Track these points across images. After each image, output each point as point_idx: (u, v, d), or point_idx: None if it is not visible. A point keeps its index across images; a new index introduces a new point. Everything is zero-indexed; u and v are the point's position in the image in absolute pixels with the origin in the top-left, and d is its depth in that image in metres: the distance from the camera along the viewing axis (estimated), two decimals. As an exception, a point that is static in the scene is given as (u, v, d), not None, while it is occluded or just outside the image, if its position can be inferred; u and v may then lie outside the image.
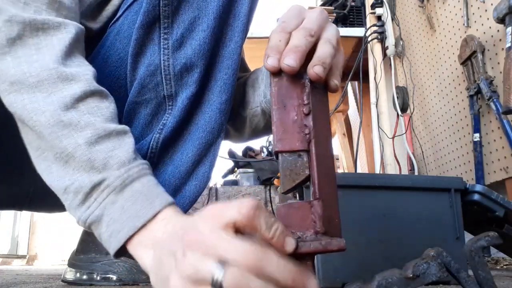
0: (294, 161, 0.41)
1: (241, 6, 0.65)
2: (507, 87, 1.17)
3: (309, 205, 0.40)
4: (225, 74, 0.65)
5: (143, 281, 0.69)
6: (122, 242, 0.47)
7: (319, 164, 0.41)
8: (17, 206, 0.81)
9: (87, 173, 0.49)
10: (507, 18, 1.23)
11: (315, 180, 0.40)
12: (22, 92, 0.51)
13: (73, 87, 0.51)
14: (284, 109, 0.41)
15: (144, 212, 0.47)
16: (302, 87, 0.42)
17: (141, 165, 0.51)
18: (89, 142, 0.49)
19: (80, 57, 0.56)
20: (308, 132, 0.41)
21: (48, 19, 0.53)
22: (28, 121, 0.51)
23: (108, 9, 0.69)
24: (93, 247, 0.72)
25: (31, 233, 3.70)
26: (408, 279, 0.38)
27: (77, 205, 0.50)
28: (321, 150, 0.42)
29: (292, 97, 0.42)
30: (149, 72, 0.63)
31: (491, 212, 0.77)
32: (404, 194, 0.75)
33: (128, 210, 0.48)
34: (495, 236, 0.41)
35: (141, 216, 0.47)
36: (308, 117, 0.41)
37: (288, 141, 0.41)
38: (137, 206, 0.48)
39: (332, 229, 0.40)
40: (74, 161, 0.49)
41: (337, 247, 0.38)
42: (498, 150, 1.37)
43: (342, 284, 0.68)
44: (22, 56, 0.51)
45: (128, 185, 0.49)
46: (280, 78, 0.42)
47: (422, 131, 1.95)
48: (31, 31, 0.52)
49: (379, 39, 2.14)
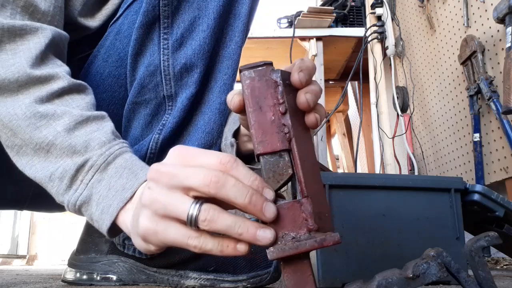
0: (276, 162, 0.41)
1: (241, 6, 0.65)
2: (507, 87, 1.17)
3: (299, 204, 0.40)
4: (225, 75, 0.65)
5: (143, 281, 0.69)
6: (115, 215, 0.48)
7: (302, 161, 0.41)
8: (18, 206, 0.81)
9: (70, 158, 0.50)
10: (507, 18, 1.23)
11: (301, 178, 0.40)
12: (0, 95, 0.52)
13: (50, 86, 0.53)
14: (260, 111, 0.41)
15: (130, 184, 0.49)
16: (275, 86, 0.41)
17: (121, 143, 0.52)
18: (68, 128, 0.51)
19: (56, 59, 0.57)
20: (288, 131, 0.41)
21: (26, 24, 0.54)
22: (4, 118, 0.52)
23: (108, 7, 0.69)
24: (93, 247, 0.71)
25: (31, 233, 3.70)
26: (408, 279, 0.38)
27: (64, 190, 0.50)
28: (302, 147, 0.41)
29: (266, 97, 0.41)
30: (149, 72, 0.63)
31: (491, 212, 0.77)
32: (404, 194, 0.75)
33: (115, 185, 0.49)
34: (495, 236, 0.41)
35: (128, 188, 0.48)
36: (285, 115, 0.41)
37: (268, 142, 0.40)
38: (123, 180, 0.49)
39: (324, 224, 0.40)
40: (56, 148, 0.50)
41: (332, 242, 0.38)
42: (498, 150, 1.37)
43: (342, 284, 0.68)
44: (0, 61, 0.52)
45: (111, 162, 0.50)
46: (251, 79, 0.42)
47: (422, 131, 1.95)
48: (9, 37, 0.53)
49: (379, 39, 2.14)
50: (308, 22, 2.10)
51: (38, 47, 0.54)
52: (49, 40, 0.56)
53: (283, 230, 0.39)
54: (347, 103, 2.93)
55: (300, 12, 2.10)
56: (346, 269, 0.69)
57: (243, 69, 0.42)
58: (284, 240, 0.39)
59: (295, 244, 0.38)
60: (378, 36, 2.13)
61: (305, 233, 0.39)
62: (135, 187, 0.48)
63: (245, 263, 0.66)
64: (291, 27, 2.13)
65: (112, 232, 0.50)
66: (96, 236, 0.72)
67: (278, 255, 0.38)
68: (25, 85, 0.52)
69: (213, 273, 0.66)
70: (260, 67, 0.42)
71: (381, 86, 2.09)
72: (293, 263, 0.39)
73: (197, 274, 0.67)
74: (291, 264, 0.40)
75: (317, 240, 0.38)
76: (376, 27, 2.14)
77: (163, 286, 0.68)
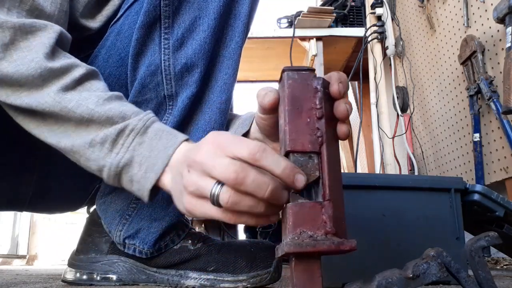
0: (305, 162, 0.42)
1: (241, 6, 0.65)
2: (507, 87, 1.17)
3: (320, 206, 0.41)
4: (225, 74, 0.65)
5: (143, 281, 0.69)
6: (159, 173, 0.52)
7: (329, 166, 0.42)
8: (18, 207, 0.81)
9: (110, 125, 0.54)
10: (507, 18, 1.23)
11: (326, 182, 0.41)
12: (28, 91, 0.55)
13: (72, 74, 0.56)
14: (298, 111, 0.43)
15: (171, 143, 0.53)
16: (315, 91, 0.43)
17: (152, 112, 0.57)
18: (99, 104, 0.55)
19: (66, 52, 0.60)
20: (321, 135, 0.42)
21: (35, 21, 0.57)
22: (36, 107, 0.55)
23: (109, 8, 0.69)
24: (93, 247, 0.72)
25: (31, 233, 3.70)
26: (408, 279, 0.38)
27: (106, 154, 0.54)
28: (331, 153, 0.43)
29: (306, 100, 0.43)
30: (149, 72, 0.63)
31: (491, 212, 0.77)
32: (404, 194, 0.75)
33: (156, 146, 0.53)
34: (495, 236, 0.41)
35: (170, 147, 0.52)
36: (321, 120, 0.43)
37: (300, 142, 0.42)
38: (163, 141, 0.53)
39: (339, 230, 0.41)
40: (94, 122, 0.54)
41: (349, 247, 0.39)
42: (498, 150, 1.38)
43: (342, 284, 0.68)
44: (18, 59, 0.54)
45: (150, 126, 0.54)
46: (294, 81, 0.43)
47: (422, 131, 1.95)
48: (21, 35, 0.55)
49: (379, 39, 2.14)
50: (308, 22, 2.10)
51: (51, 41, 0.57)
52: (58, 35, 0.58)
53: (301, 228, 0.40)
54: (347, 103, 2.92)
55: (300, 12, 2.10)
56: (346, 269, 0.69)
57: (286, 69, 0.44)
58: (301, 237, 0.39)
59: (312, 242, 0.38)
60: (378, 36, 2.13)
61: (322, 235, 0.40)
62: (176, 145, 0.52)
63: (245, 263, 0.66)
64: (291, 27, 2.13)
65: (152, 193, 0.53)
66: (96, 236, 0.72)
67: (296, 249, 0.38)
68: (48, 77, 0.55)
69: (213, 273, 0.66)
70: (303, 71, 0.44)
71: (381, 86, 2.09)
72: (304, 261, 0.40)
73: (197, 274, 0.67)
74: (302, 261, 0.40)
75: (334, 242, 0.39)
76: (376, 27, 2.14)
77: (163, 286, 0.68)
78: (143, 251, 0.68)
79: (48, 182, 0.76)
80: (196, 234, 0.71)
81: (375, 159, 2.08)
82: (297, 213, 0.40)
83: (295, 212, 0.40)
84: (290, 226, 0.40)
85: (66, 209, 0.87)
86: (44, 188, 0.77)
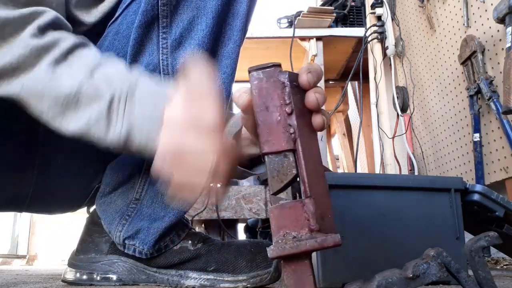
0: (281, 162, 0.41)
1: (240, 5, 0.64)
2: (507, 87, 1.17)
3: (301, 204, 0.40)
4: (223, 74, 0.65)
5: (143, 281, 0.69)
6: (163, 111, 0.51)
7: (306, 162, 0.41)
8: (17, 208, 0.81)
9: (99, 100, 0.52)
10: (507, 18, 1.22)
11: (304, 178, 0.41)
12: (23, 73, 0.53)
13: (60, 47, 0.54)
14: (267, 111, 0.42)
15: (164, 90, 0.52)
16: (282, 87, 0.42)
17: (136, 70, 0.56)
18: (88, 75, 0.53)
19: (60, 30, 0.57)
20: (293, 131, 0.41)
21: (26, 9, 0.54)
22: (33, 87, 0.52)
23: (105, 5, 0.69)
24: (93, 247, 0.71)
25: (31, 233, 3.70)
26: (408, 279, 0.38)
27: (105, 131, 0.52)
28: (307, 147, 0.42)
29: (273, 98, 0.42)
30: (148, 71, 0.63)
31: (491, 212, 0.77)
32: (404, 194, 0.74)
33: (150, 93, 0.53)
34: (495, 236, 0.41)
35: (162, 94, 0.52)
36: (291, 116, 0.42)
37: (274, 142, 0.41)
38: (157, 87, 0.53)
39: (326, 225, 0.41)
40: (83, 96, 0.52)
41: (332, 243, 0.39)
42: (498, 150, 1.37)
43: (342, 284, 0.68)
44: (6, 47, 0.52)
45: (137, 83, 0.53)
46: (259, 80, 0.42)
47: (422, 131, 1.95)
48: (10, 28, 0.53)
49: (379, 39, 2.13)
50: (308, 22, 2.10)
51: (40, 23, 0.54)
52: (53, 17, 0.56)
53: (285, 229, 0.40)
54: (347, 103, 2.92)
55: (300, 12, 2.10)
56: (346, 269, 0.69)
57: (251, 70, 0.43)
58: (285, 239, 0.39)
59: (295, 244, 0.38)
60: (378, 36, 2.13)
61: (306, 233, 0.39)
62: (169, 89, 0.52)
63: (245, 263, 0.66)
64: (291, 27, 2.13)
65: None
66: (96, 236, 0.72)
67: (278, 253, 0.38)
68: (37, 55, 0.52)
69: (213, 273, 0.66)
70: (268, 68, 0.43)
71: (381, 86, 2.08)
72: (293, 262, 0.40)
73: (197, 274, 0.67)
74: (291, 263, 0.40)
75: (317, 240, 0.38)
76: (376, 27, 2.14)
77: (163, 286, 0.68)
78: (143, 251, 0.67)
79: (48, 182, 0.76)
80: (196, 234, 0.71)
81: (375, 159, 2.08)
82: (279, 215, 0.40)
83: (276, 214, 0.40)
84: (274, 229, 0.40)
85: (66, 209, 0.87)
86: (44, 188, 0.77)
